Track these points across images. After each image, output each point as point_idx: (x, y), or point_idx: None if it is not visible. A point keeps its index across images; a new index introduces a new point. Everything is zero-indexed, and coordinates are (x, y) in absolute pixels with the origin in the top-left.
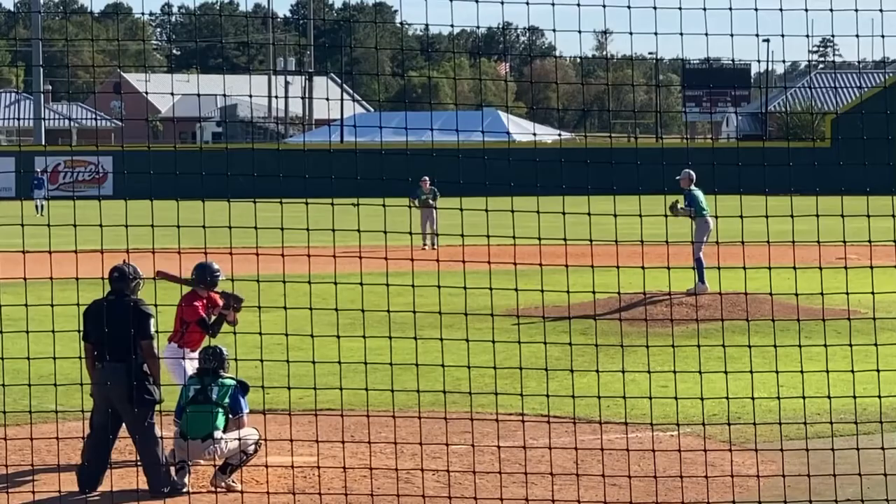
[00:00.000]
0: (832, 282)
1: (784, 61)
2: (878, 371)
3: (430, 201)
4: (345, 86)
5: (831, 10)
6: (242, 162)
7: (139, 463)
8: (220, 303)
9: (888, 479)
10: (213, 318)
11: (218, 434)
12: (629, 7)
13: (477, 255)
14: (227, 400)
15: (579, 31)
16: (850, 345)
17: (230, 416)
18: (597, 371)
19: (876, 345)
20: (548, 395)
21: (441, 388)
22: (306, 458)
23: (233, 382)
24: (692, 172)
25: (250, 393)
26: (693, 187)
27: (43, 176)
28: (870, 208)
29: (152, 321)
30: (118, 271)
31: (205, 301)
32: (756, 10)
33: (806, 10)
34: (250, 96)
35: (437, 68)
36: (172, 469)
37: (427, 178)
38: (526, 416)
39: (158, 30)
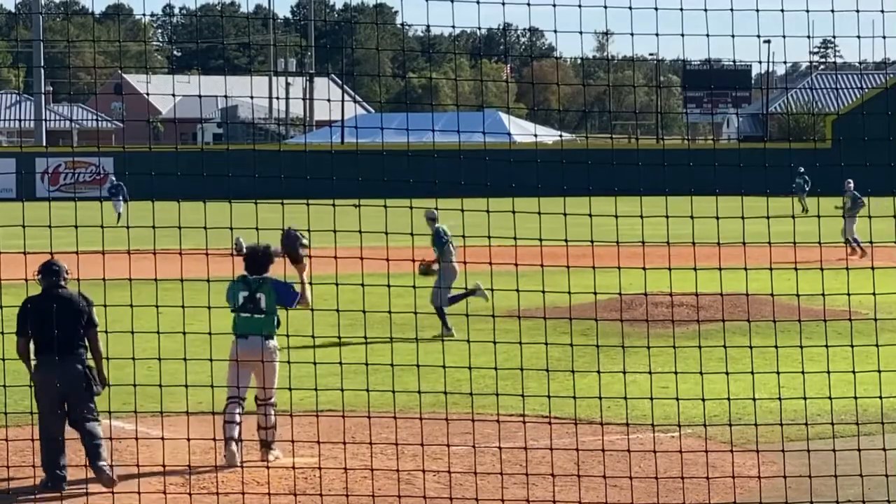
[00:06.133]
0: (833, 283)
1: (785, 62)
2: (879, 372)
3: None
4: (345, 87)
5: (832, 11)
6: (243, 163)
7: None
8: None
9: (889, 480)
10: None
11: (273, 342)
12: (630, 8)
13: (478, 256)
14: (274, 305)
15: (580, 32)
16: (852, 345)
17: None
18: (598, 372)
19: (877, 345)
20: (549, 396)
21: (442, 388)
22: (307, 458)
23: (273, 283)
24: None
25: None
26: None
27: (120, 182)
28: (871, 209)
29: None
30: (56, 265)
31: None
32: (757, 10)
33: (807, 10)
34: (251, 97)
35: (438, 69)
36: (223, 444)
37: None
38: (527, 417)
39: (159, 31)
